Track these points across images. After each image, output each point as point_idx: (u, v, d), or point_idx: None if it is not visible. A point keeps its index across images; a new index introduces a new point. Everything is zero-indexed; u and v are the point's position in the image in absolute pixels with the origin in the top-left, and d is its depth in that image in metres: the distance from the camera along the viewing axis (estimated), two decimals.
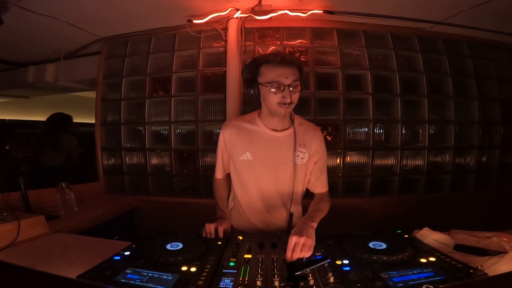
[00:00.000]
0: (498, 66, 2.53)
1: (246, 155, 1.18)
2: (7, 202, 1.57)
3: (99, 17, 2.13)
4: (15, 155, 1.61)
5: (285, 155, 1.18)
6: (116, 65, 2.53)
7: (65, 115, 2.68)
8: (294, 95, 1.08)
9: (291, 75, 1.06)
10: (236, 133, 1.21)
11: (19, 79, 3.05)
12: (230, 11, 2.09)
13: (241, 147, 1.19)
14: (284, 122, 1.19)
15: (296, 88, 1.07)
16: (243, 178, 1.23)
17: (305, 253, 0.89)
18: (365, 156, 2.30)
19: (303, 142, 1.19)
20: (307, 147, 1.19)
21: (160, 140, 2.45)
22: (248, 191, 1.23)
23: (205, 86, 2.35)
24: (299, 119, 1.25)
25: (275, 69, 1.07)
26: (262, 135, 1.19)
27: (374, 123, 2.29)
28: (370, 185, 2.31)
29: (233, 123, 1.25)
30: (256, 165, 1.19)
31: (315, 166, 1.22)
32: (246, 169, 1.21)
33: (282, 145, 1.18)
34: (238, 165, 1.22)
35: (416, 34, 2.39)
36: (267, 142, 1.18)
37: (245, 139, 1.20)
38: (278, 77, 1.06)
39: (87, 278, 0.80)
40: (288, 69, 1.06)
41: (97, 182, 2.51)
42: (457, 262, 0.83)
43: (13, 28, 2.13)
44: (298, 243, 0.89)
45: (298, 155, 1.18)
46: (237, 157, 1.20)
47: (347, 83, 2.28)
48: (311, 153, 1.20)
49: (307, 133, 1.20)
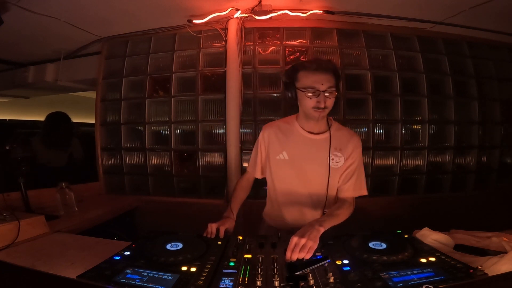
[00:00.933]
0: (498, 66, 2.53)
1: (283, 155, 1.25)
2: (7, 202, 1.57)
3: (99, 17, 2.13)
4: (15, 155, 1.61)
5: (320, 157, 1.21)
6: (116, 65, 2.53)
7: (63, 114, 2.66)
8: (328, 100, 1.13)
9: (326, 82, 1.12)
10: (275, 133, 1.29)
11: (19, 79, 3.05)
12: (230, 11, 2.09)
13: (278, 146, 1.27)
14: (320, 126, 1.24)
15: (331, 94, 1.13)
16: (278, 177, 1.29)
17: (304, 254, 0.89)
18: (365, 156, 2.30)
19: (339, 146, 1.22)
20: (343, 152, 1.22)
21: (160, 140, 2.45)
22: (282, 188, 1.29)
23: (205, 86, 2.35)
24: (337, 125, 1.29)
25: (312, 75, 1.13)
26: (299, 137, 1.25)
27: (374, 123, 2.29)
28: (370, 185, 2.31)
29: (273, 123, 1.34)
30: (292, 165, 1.24)
31: (346, 170, 1.24)
32: (282, 168, 1.27)
33: (318, 148, 1.22)
34: (274, 164, 1.28)
35: (416, 34, 2.39)
36: (303, 143, 1.24)
37: (282, 139, 1.27)
38: (314, 83, 1.12)
39: (87, 278, 0.80)
40: (324, 76, 1.12)
41: (97, 182, 2.51)
42: (457, 262, 0.83)
43: (13, 28, 2.13)
44: (298, 244, 0.90)
45: (333, 159, 1.21)
46: (274, 156, 1.27)
47: (347, 83, 2.28)
48: (346, 158, 1.22)
49: (344, 138, 1.24)
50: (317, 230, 0.96)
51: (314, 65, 1.13)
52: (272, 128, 1.31)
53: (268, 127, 1.33)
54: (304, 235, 0.92)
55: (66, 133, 2.61)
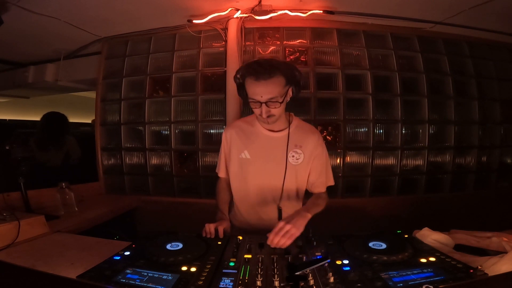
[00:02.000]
0: (498, 66, 2.53)
1: (245, 154, 1.25)
2: (7, 202, 1.57)
3: (99, 17, 2.13)
4: (15, 155, 1.61)
5: (279, 154, 1.21)
6: (116, 65, 2.53)
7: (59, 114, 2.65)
8: (272, 110, 1.11)
9: (266, 94, 1.07)
10: (236, 133, 1.29)
11: (19, 79, 3.05)
12: (230, 11, 2.09)
13: (240, 146, 1.26)
14: (280, 124, 1.23)
15: (273, 104, 1.09)
16: (240, 176, 1.28)
17: (285, 239, 0.93)
18: (365, 156, 2.30)
19: (299, 143, 1.22)
20: (303, 148, 1.23)
21: (160, 140, 2.45)
22: (243, 188, 1.29)
23: (205, 86, 2.35)
24: (297, 121, 1.28)
25: (252, 86, 1.09)
26: (259, 135, 1.25)
27: (374, 123, 2.29)
28: (370, 185, 2.31)
29: (234, 124, 1.35)
30: (253, 163, 1.25)
31: (313, 169, 1.25)
32: (244, 167, 1.26)
33: (277, 145, 1.22)
34: (237, 163, 1.28)
35: (416, 34, 2.39)
36: (263, 142, 1.24)
37: (243, 139, 1.27)
38: (254, 95, 1.09)
39: (87, 278, 0.80)
40: (263, 88, 1.06)
41: (97, 182, 2.51)
42: (457, 262, 0.83)
43: (13, 28, 2.13)
44: (283, 229, 0.94)
45: (293, 156, 1.22)
46: (236, 155, 1.27)
47: (347, 83, 2.28)
48: (307, 155, 1.23)
49: (304, 135, 1.24)
50: (304, 217, 1.00)
51: (253, 76, 1.06)
52: (233, 128, 1.31)
53: (229, 128, 1.33)
54: (290, 221, 0.96)
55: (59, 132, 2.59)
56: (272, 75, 1.06)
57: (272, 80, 1.06)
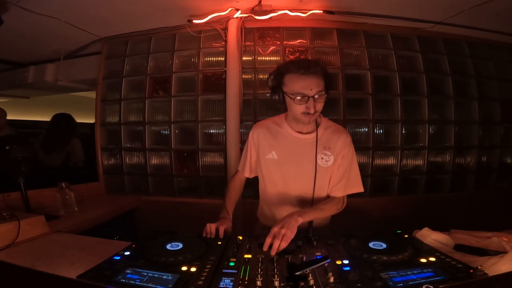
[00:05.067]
0: (498, 66, 2.53)
1: (272, 154, 1.24)
2: (7, 202, 1.58)
3: (99, 17, 2.13)
4: (15, 155, 1.61)
5: (308, 156, 1.20)
6: (116, 65, 2.53)
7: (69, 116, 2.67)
8: (318, 104, 1.10)
9: (315, 87, 1.07)
10: (264, 134, 1.27)
11: (19, 79, 3.05)
12: (230, 11, 2.09)
13: (267, 146, 1.25)
14: (309, 125, 1.21)
15: (321, 98, 1.09)
16: (269, 176, 1.28)
17: (282, 243, 0.93)
18: (365, 156, 2.30)
19: (328, 145, 1.21)
20: (332, 150, 1.20)
21: (160, 140, 2.45)
22: (272, 188, 1.28)
23: (205, 86, 2.35)
24: (326, 122, 1.26)
25: (299, 80, 1.07)
26: (287, 137, 1.23)
27: (374, 123, 2.29)
28: (370, 185, 2.31)
29: (262, 123, 1.32)
30: (282, 165, 1.23)
31: (337, 170, 1.22)
32: (272, 167, 1.26)
33: (306, 147, 1.21)
34: (264, 164, 1.27)
35: (416, 34, 2.39)
36: (292, 143, 1.22)
37: (271, 140, 1.25)
38: (302, 89, 1.07)
39: (87, 278, 0.80)
40: (312, 80, 1.07)
41: (97, 182, 2.51)
42: (457, 262, 0.83)
43: (13, 28, 2.13)
44: (278, 233, 0.95)
45: (322, 158, 1.20)
46: (264, 155, 1.26)
47: (347, 83, 2.28)
48: (335, 156, 1.21)
49: (333, 136, 1.22)
50: (295, 220, 1.00)
51: (301, 69, 1.06)
52: (261, 128, 1.29)
53: (257, 127, 1.31)
54: (283, 226, 0.97)
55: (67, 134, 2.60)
56: (317, 69, 1.08)
57: (318, 74, 1.08)
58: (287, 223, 0.98)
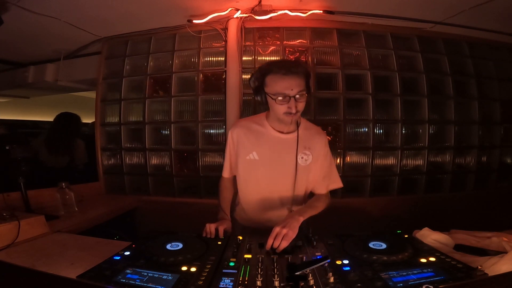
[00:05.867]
0: (498, 66, 2.53)
1: (253, 155, 1.23)
2: (7, 202, 1.57)
3: (99, 17, 2.13)
4: (15, 155, 1.61)
5: (289, 156, 1.22)
6: (116, 65, 2.53)
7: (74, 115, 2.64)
8: (299, 104, 1.11)
9: (296, 87, 1.08)
10: (244, 133, 1.26)
11: (19, 79, 3.05)
12: (230, 11, 2.09)
13: (248, 147, 1.24)
14: (290, 126, 1.23)
15: (302, 97, 1.10)
16: (248, 177, 1.28)
17: (283, 242, 0.95)
18: (365, 156, 2.30)
19: (308, 145, 1.23)
20: (312, 150, 1.23)
21: (160, 140, 2.45)
22: (252, 189, 1.29)
23: (205, 86, 2.35)
24: (305, 123, 1.29)
25: (280, 81, 1.09)
26: (269, 137, 1.24)
27: (374, 123, 2.29)
28: (370, 185, 2.31)
29: (242, 123, 1.31)
30: (262, 165, 1.23)
31: (318, 170, 1.25)
32: (252, 168, 1.25)
33: (287, 147, 1.22)
34: (244, 164, 1.26)
35: (416, 34, 2.39)
36: (273, 143, 1.23)
37: (252, 140, 1.25)
38: (284, 89, 1.08)
39: (87, 278, 0.80)
40: (293, 81, 1.08)
41: (97, 182, 2.51)
42: (457, 262, 0.83)
43: (13, 28, 2.12)
44: (280, 233, 0.96)
45: (302, 157, 1.22)
46: (244, 156, 1.25)
47: (347, 83, 2.28)
48: (314, 156, 1.24)
49: (312, 137, 1.25)
50: (297, 220, 1.02)
51: (282, 70, 1.08)
52: (241, 128, 1.27)
53: (236, 127, 1.29)
54: (285, 226, 0.98)
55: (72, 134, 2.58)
56: (299, 69, 1.10)
57: (299, 74, 1.10)
58: (289, 223, 1.00)
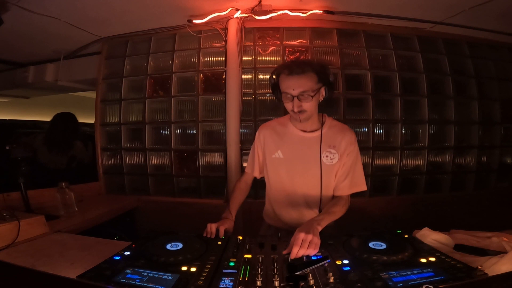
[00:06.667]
0: (498, 66, 2.53)
1: (278, 154, 1.27)
2: (7, 202, 1.58)
3: (99, 17, 2.13)
4: (15, 155, 1.61)
5: (313, 155, 1.22)
6: (116, 65, 2.53)
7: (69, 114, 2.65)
8: (305, 104, 1.13)
9: (299, 87, 1.11)
10: (269, 134, 1.32)
11: (19, 79, 3.04)
12: (230, 11, 2.09)
13: (273, 146, 1.29)
14: (312, 124, 1.25)
15: (305, 98, 1.12)
16: (275, 176, 1.30)
17: (311, 250, 0.90)
18: (365, 156, 2.30)
19: (332, 143, 1.23)
20: (337, 148, 1.23)
21: (160, 140, 2.45)
22: (277, 186, 1.31)
23: (205, 86, 2.35)
24: (331, 121, 1.29)
25: (285, 80, 1.14)
26: (292, 136, 1.27)
27: (374, 123, 2.29)
28: (370, 185, 2.31)
29: (268, 124, 1.37)
30: (287, 163, 1.26)
31: (341, 168, 1.24)
32: (278, 166, 1.28)
33: (311, 146, 1.23)
34: (270, 163, 1.30)
35: (416, 34, 2.39)
36: (296, 142, 1.26)
37: (277, 139, 1.29)
38: (287, 89, 1.13)
39: (87, 278, 0.80)
40: (296, 81, 1.11)
41: (97, 182, 2.51)
42: (457, 262, 0.83)
43: (13, 28, 2.12)
44: (306, 240, 0.91)
45: (327, 156, 1.22)
46: (270, 155, 1.30)
47: (347, 83, 2.28)
48: (340, 154, 1.23)
49: (337, 135, 1.24)
50: (316, 229, 0.98)
51: (286, 70, 1.13)
52: (267, 128, 1.34)
53: (263, 127, 1.36)
54: (309, 231, 0.93)
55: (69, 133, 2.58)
56: (304, 70, 1.12)
57: (304, 75, 1.11)
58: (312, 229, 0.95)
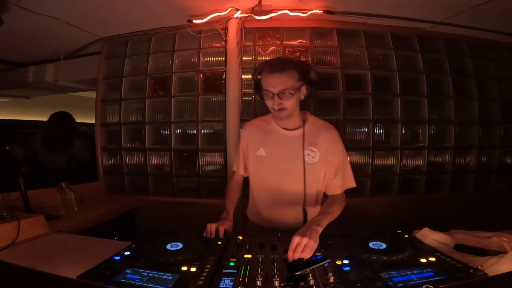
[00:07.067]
0: (498, 66, 2.53)
1: (261, 151, 1.28)
2: (7, 202, 1.58)
3: (99, 17, 2.13)
4: (15, 155, 1.61)
5: (295, 153, 1.22)
6: (116, 65, 2.53)
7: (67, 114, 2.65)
8: (285, 102, 1.13)
9: (279, 84, 1.11)
10: (254, 131, 1.33)
11: (19, 79, 3.04)
12: (230, 11, 2.09)
13: (256, 143, 1.30)
14: (294, 122, 1.24)
15: (285, 96, 1.12)
16: (257, 173, 1.32)
17: (305, 254, 0.90)
18: (365, 156, 2.30)
19: (314, 141, 1.23)
20: (318, 146, 1.22)
21: (160, 140, 2.45)
22: (260, 184, 1.32)
23: (205, 86, 2.35)
24: (313, 119, 1.29)
25: (266, 78, 1.14)
26: (275, 134, 1.27)
27: (374, 123, 2.29)
28: (370, 185, 2.31)
29: (252, 122, 1.38)
30: (270, 161, 1.26)
31: (329, 167, 1.23)
32: (260, 164, 1.29)
33: (293, 143, 1.23)
34: (253, 160, 1.31)
35: (416, 34, 2.39)
36: (279, 140, 1.26)
37: (260, 137, 1.30)
38: (267, 86, 1.13)
39: (87, 278, 0.80)
40: (277, 79, 1.11)
41: (97, 182, 2.51)
42: (457, 262, 0.83)
43: (13, 28, 2.12)
44: (300, 244, 0.91)
45: (309, 154, 1.22)
46: (253, 152, 1.30)
47: (347, 83, 2.28)
48: (322, 153, 1.22)
49: (320, 133, 1.24)
50: (316, 231, 0.97)
51: (268, 68, 1.13)
52: (251, 126, 1.35)
53: (247, 125, 1.37)
54: (305, 234, 0.93)
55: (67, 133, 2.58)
56: (285, 68, 1.12)
57: (285, 73, 1.11)
58: (309, 232, 0.94)
